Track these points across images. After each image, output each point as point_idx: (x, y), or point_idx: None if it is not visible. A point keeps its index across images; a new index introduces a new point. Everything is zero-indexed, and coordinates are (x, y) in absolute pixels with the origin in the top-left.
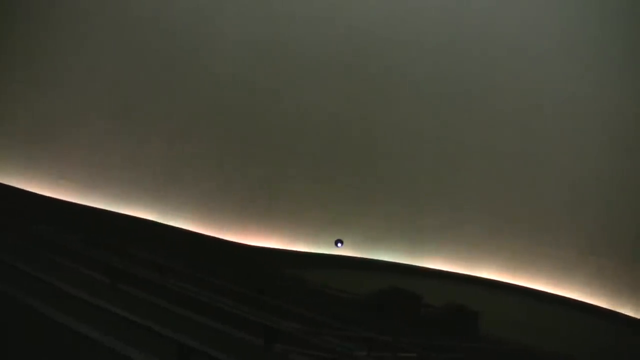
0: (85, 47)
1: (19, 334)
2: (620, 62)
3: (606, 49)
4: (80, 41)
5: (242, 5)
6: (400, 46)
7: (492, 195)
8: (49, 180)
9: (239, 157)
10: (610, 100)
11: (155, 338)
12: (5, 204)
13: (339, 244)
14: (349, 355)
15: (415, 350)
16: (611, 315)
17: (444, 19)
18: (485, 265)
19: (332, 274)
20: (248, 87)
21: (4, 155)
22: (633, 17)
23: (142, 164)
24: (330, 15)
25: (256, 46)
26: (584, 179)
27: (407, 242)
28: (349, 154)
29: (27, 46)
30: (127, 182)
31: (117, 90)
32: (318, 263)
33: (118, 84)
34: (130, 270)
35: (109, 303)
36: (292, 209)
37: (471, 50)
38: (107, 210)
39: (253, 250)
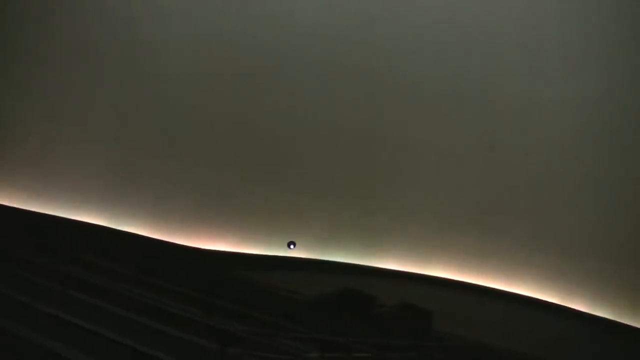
0: (29, 51)
1: None
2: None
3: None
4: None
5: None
6: (359, 44)
7: (443, 195)
8: None
9: (189, 160)
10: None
11: (108, 345)
12: None
13: (292, 246)
14: (302, 357)
15: (370, 350)
16: (563, 310)
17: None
18: (437, 264)
19: (285, 275)
20: (197, 86)
21: None
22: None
23: (91, 169)
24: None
25: (207, 41)
26: (532, 177)
27: (359, 242)
28: (299, 156)
29: None
30: (76, 187)
31: (65, 93)
32: (271, 265)
33: (66, 86)
34: (82, 276)
35: (60, 310)
36: (244, 212)
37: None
38: (56, 216)
39: (205, 254)
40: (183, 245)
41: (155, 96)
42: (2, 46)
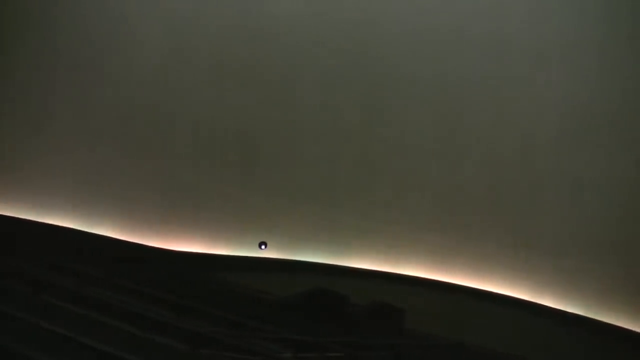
0: None
1: None
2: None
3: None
4: None
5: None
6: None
7: (413, 193)
8: None
9: (161, 161)
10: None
11: (78, 348)
12: None
13: (263, 247)
14: (274, 358)
15: (342, 350)
16: (533, 306)
17: None
18: (408, 262)
19: (257, 276)
20: (167, 87)
21: None
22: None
23: (62, 171)
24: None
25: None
26: (502, 175)
27: (330, 242)
28: (270, 157)
29: None
30: (47, 189)
31: (34, 94)
32: (242, 266)
33: (33, 87)
34: (51, 280)
35: (30, 314)
36: (215, 213)
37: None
38: (26, 220)
39: (176, 256)
40: (155, 247)
41: (125, 97)
42: None
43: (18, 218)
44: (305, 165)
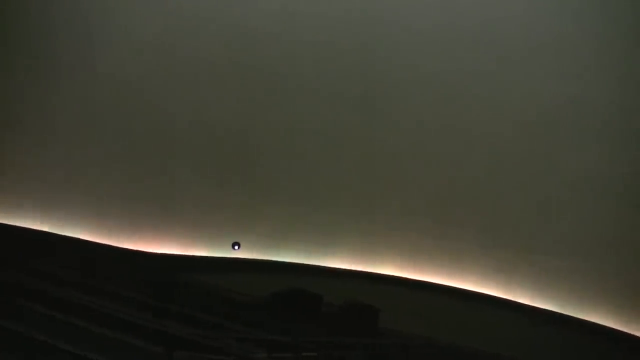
0: None
1: None
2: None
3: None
4: None
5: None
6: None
7: (391, 192)
8: None
9: (133, 163)
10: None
11: (52, 351)
12: None
13: (236, 247)
14: (249, 358)
15: (317, 350)
16: (508, 304)
17: None
18: (384, 261)
19: (231, 277)
20: (142, 88)
21: None
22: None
23: (34, 173)
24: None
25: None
26: (478, 176)
27: (304, 242)
28: (243, 157)
29: None
30: (19, 192)
31: (6, 95)
32: (216, 267)
33: (6, 87)
34: (26, 283)
35: (3, 319)
36: (188, 214)
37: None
38: None
39: (150, 257)
40: (129, 249)
41: (99, 99)
42: None
43: None
44: (279, 167)
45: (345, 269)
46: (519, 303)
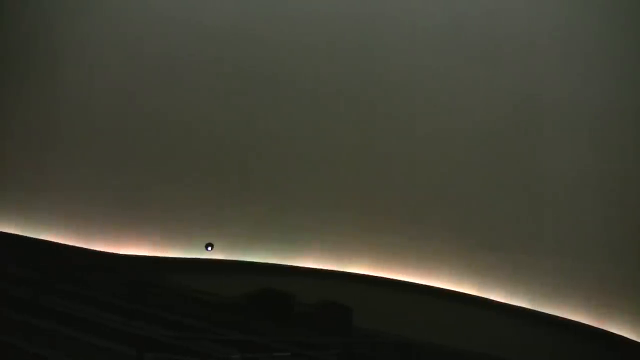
0: None
1: None
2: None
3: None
4: None
5: None
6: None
7: (361, 192)
8: None
9: (105, 164)
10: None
11: (22, 355)
12: None
13: (209, 248)
14: (222, 359)
15: (290, 349)
16: (481, 301)
17: None
18: (356, 260)
19: (204, 278)
20: (111, 88)
21: None
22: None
23: (4, 175)
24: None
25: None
26: (448, 170)
27: (277, 242)
28: (217, 158)
29: None
30: None
31: None
32: (189, 268)
33: None
34: None
35: None
36: (161, 215)
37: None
38: None
39: (123, 259)
40: (102, 252)
41: (69, 99)
42: None
43: None
44: (251, 167)
45: (318, 269)
46: (493, 300)
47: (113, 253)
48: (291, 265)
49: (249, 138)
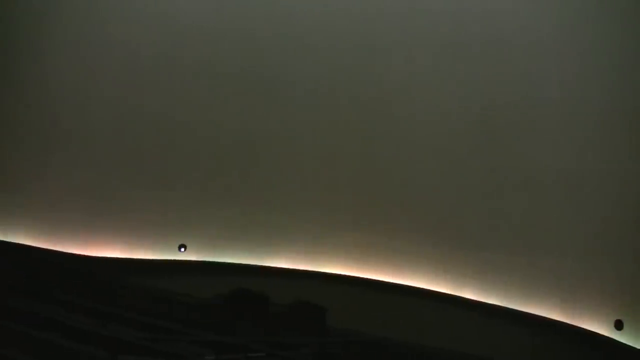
0: None
1: None
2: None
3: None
4: None
5: None
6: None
7: (332, 191)
8: None
9: (74, 165)
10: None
11: None
12: None
13: (182, 249)
14: None
15: (265, 350)
16: (454, 300)
17: None
18: (328, 260)
19: (177, 279)
20: (78, 88)
21: None
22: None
23: None
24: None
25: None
26: (426, 173)
27: (250, 242)
28: (185, 158)
29: None
30: None
31: None
32: (162, 269)
33: None
34: None
35: None
36: (133, 217)
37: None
38: None
39: (95, 262)
40: (73, 254)
41: (36, 98)
42: None
43: None
44: (223, 166)
45: (292, 269)
46: (467, 299)
47: (84, 255)
48: (265, 266)
49: (222, 139)
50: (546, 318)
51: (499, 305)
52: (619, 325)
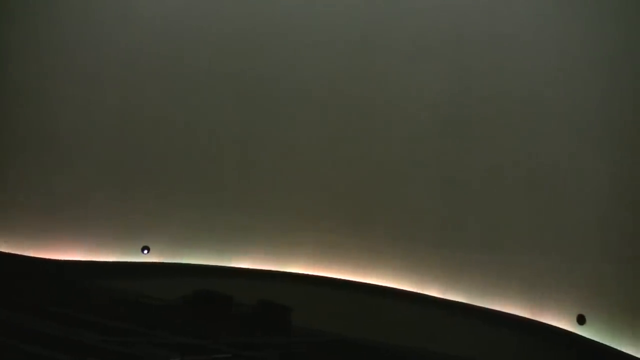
0: None
1: None
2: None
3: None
4: None
5: None
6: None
7: (295, 191)
8: None
9: (39, 167)
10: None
11: None
12: None
13: (145, 251)
14: None
15: (230, 351)
16: (419, 298)
17: None
18: (293, 259)
19: (141, 281)
20: (38, 85)
21: None
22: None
23: None
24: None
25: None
26: (388, 169)
27: (214, 243)
28: (147, 157)
29: None
30: None
31: None
32: (125, 272)
33: None
34: None
35: None
36: (96, 218)
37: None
38: None
39: (58, 264)
40: (35, 257)
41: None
42: None
43: None
44: (186, 165)
45: (256, 269)
46: (431, 296)
47: (46, 258)
48: (229, 267)
49: (183, 138)
50: (510, 314)
51: (463, 303)
52: (581, 320)
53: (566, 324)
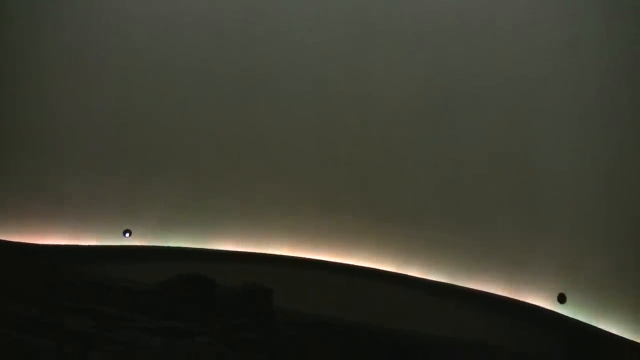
0: None
1: None
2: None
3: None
4: None
5: None
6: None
7: (279, 173)
8: None
9: (14, 150)
10: None
11: None
12: None
13: (127, 234)
14: (144, 346)
15: (213, 334)
16: (401, 278)
17: None
18: (276, 242)
19: (122, 265)
20: (22, 80)
21: None
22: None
23: None
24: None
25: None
26: (367, 150)
27: (196, 225)
28: (129, 141)
29: None
30: None
31: None
32: (107, 255)
33: None
34: None
35: None
36: (78, 202)
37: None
38: None
39: (37, 249)
40: (14, 242)
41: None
42: None
43: None
44: (168, 149)
45: (237, 251)
46: (412, 276)
47: (27, 243)
48: (211, 249)
49: (168, 122)
50: (491, 294)
51: (444, 282)
52: (562, 299)
53: (547, 303)
